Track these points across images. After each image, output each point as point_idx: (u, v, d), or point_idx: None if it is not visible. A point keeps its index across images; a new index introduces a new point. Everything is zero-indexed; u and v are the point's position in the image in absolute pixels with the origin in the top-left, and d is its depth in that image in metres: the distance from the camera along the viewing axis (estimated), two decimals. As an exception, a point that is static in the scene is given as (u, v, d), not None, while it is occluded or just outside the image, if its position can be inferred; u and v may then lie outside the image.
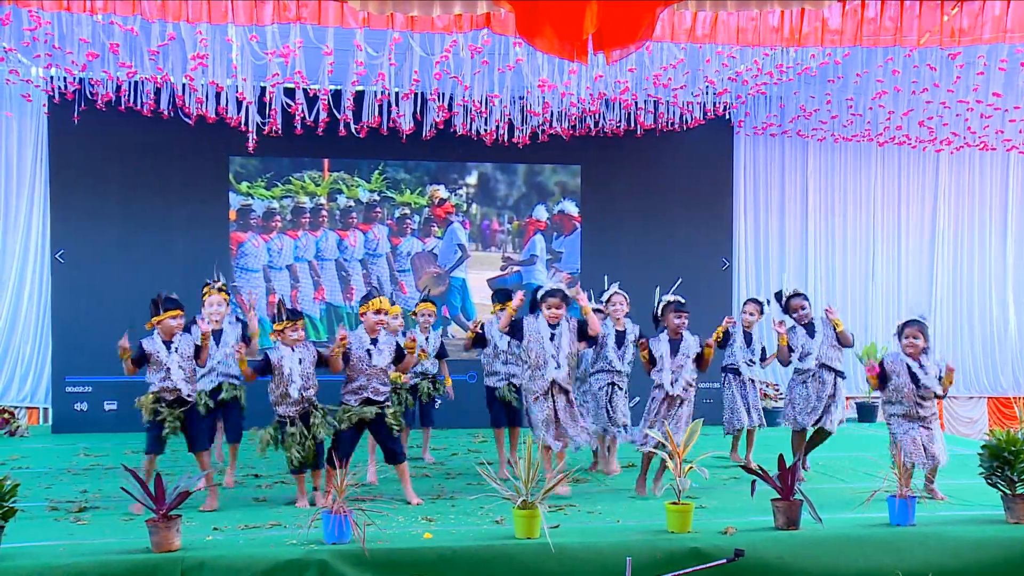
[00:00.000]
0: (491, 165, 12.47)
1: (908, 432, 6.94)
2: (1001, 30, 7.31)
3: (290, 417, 6.71)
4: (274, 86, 9.10)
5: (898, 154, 13.36)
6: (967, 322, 13.81)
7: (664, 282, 7.71)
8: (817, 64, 9.30)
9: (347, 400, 6.86)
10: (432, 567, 5.34)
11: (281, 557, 5.23)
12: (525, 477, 5.63)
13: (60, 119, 10.79)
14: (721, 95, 10.92)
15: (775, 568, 5.55)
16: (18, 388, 11.81)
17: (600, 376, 8.02)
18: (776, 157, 13.43)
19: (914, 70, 9.27)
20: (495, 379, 8.16)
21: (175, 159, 11.72)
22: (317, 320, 12.16)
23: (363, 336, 6.92)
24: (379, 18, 7.05)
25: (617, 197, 12.67)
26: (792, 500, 5.88)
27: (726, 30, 7.49)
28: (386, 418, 6.85)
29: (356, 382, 6.85)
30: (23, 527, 5.71)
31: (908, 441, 6.88)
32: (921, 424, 6.98)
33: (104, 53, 8.48)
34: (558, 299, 7.16)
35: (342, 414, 6.83)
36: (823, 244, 13.53)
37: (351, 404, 6.83)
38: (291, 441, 6.68)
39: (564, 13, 5.20)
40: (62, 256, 11.60)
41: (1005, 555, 5.78)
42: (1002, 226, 13.86)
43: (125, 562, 5.10)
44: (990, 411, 13.63)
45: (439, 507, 6.74)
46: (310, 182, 12.14)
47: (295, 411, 6.71)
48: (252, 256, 12.07)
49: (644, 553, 5.40)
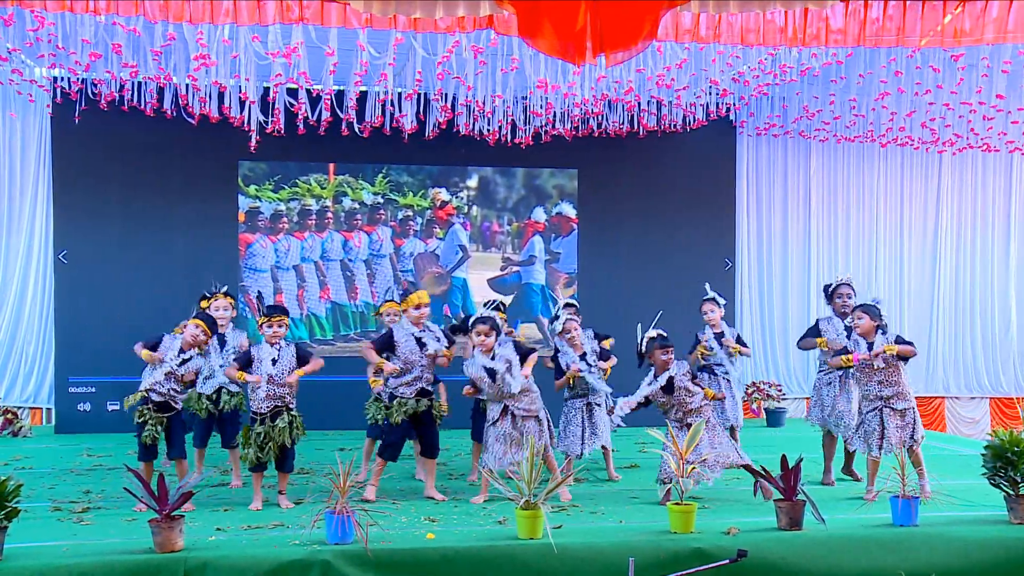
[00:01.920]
0: (491, 169, 12.60)
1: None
2: (1003, 31, 7.30)
3: (260, 415, 6.72)
4: (277, 86, 9.11)
5: (901, 155, 13.35)
6: (969, 322, 13.79)
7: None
8: (820, 64, 9.30)
9: (401, 392, 6.90)
10: (435, 567, 5.34)
11: (284, 557, 5.23)
12: (528, 478, 5.63)
13: (63, 119, 10.80)
14: (724, 96, 10.92)
15: (778, 568, 5.55)
16: (21, 388, 11.82)
17: (574, 402, 7.80)
18: (779, 158, 13.43)
19: (917, 71, 9.28)
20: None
21: (178, 159, 11.75)
22: (323, 318, 12.28)
23: (410, 327, 7.02)
24: (381, 19, 7.05)
25: (618, 198, 12.70)
26: (795, 500, 5.87)
27: (729, 31, 7.48)
28: (433, 409, 7.00)
29: (411, 373, 6.92)
30: (26, 527, 5.71)
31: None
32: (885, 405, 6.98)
33: (107, 53, 8.49)
34: (487, 327, 6.87)
35: (398, 407, 6.88)
36: (826, 245, 13.53)
37: (406, 396, 6.89)
38: (253, 439, 6.69)
39: (565, 15, 5.21)
40: (65, 256, 11.61)
41: (1008, 555, 5.77)
42: (1004, 227, 13.85)
43: (128, 562, 5.10)
44: (992, 411, 13.61)
45: (442, 508, 6.75)
46: (316, 185, 12.25)
47: (266, 408, 6.70)
48: (260, 257, 12.19)
49: (647, 554, 5.40)
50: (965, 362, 13.75)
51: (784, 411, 12.44)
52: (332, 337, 12.21)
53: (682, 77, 9.39)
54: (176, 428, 6.91)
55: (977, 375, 13.80)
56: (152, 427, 6.71)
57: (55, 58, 8.77)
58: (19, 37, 8.62)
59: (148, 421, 6.72)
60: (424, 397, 7.01)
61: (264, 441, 6.67)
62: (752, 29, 7.43)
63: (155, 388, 6.76)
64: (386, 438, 7.02)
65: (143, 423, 6.74)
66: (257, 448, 6.67)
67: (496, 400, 6.86)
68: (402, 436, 7.02)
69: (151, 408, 6.76)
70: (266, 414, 6.70)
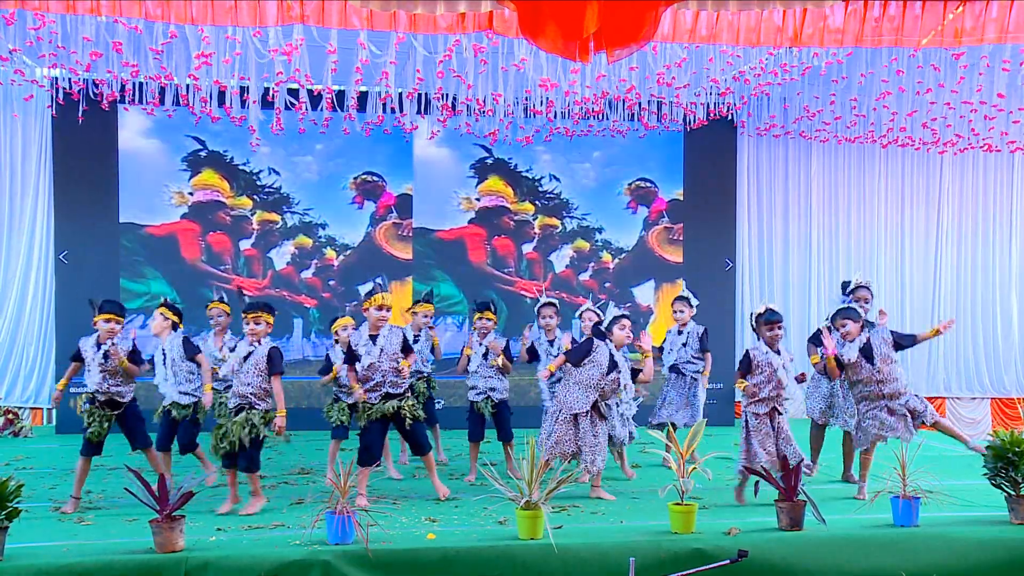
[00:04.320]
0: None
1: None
2: (1003, 31, 7.30)
3: (229, 409, 6.72)
4: (278, 85, 9.11)
5: (901, 155, 13.34)
6: (970, 323, 13.78)
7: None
8: (821, 63, 9.29)
9: (369, 399, 6.88)
10: (435, 567, 5.35)
11: (285, 558, 5.23)
12: (528, 478, 5.63)
13: (63, 119, 10.80)
14: (724, 95, 10.92)
15: (778, 569, 5.56)
16: (22, 389, 11.81)
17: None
18: (779, 158, 13.42)
19: (918, 70, 9.26)
20: (473, 392, 8.25)
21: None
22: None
23: (364, 332, 6.96)
24: (382, 18, 7.04)
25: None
26: (795, 501, 5.88)
27: (729, 30, 7.48)
28: (403, 411, 6.90)
29: (373, 380, 6.87)
30: (27, 527, 5.72)
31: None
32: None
33: (108, 52, 8.49)
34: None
35: (363, 411, 6.86)
36: (826, 245, 13.52)
37: (372, 401, 6.86)
38: (215, 431, 6.68)
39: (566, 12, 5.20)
40: (65, 257, 11.61)
41: (1009, 556, 5.77)
42: (1006, 227, 13.84)
43: (129, 562, 5.11)
44: (993, 412, 13.60)
45: (443, 508, 6.75)
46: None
47: (233, 404, 6.68)
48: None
49: (648, 554, 5.40)
50: (966, 362, 13.74)
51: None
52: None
53: (682, 76, 9.38)
54: (131, 421, 7.04)
55: (978, 375, 13.79)
56: (96, 427, 6.89)
57: (56, 58, 8.77)
58: (20, 37, 8.61)
59: (93, 421, 6.89)
60: (391, 399, 6.89)
61: (222, 435, 6.60)
62: (752, 29, 7.42)
63: (98, 389, 6.91)
64: (362, 442, 6.93)
65: (90, 423, 6.92)
66: (216, 440, 6.62)
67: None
68: (374, 439, 6.89)
69: (98, 407, 6.91)
70: (232, 409, 6.69)
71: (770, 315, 7.02)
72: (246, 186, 12.05)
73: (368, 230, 12.27)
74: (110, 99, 9.79)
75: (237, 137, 11.36)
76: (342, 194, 12.21)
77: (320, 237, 12.20)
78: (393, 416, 6.89)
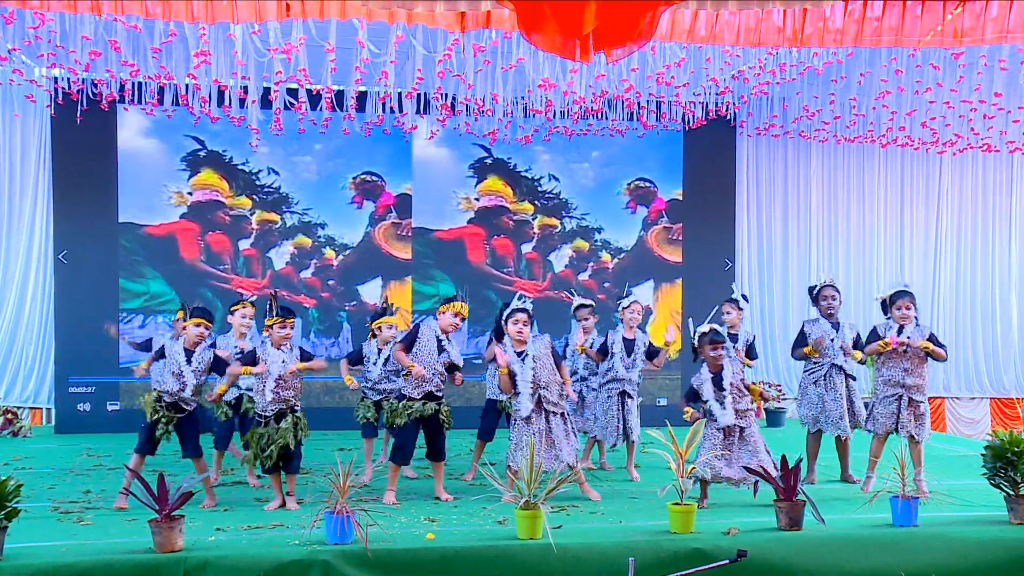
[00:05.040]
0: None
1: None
2: (1003, 30, 7.30)
3: (265, 416, 6.72)
4: (277, 84, 9.11)
5: (901, 155, 13.35)
6: (970, 323, 13.79)
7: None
8: (820, 63, 9.29)
9: (412, 395, 6.92)
10: (435, 567, 5.33)
11: (284, 557, 5.22)
12: (528, 478, 5.62)
13: (63, 119, 10.80)
14: (723, 94, 10.92)
15: (778, 569, 5.55)
16: (21, 388, 11.81)
17: (611, 386, 8.02)
18: (779, 158, 13.43)
19: (917, 70, 9.26)
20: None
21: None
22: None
23: (437, 331, 7.04)
24: (381, 16, 7.03)
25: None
26: (795, 501, 5.87)
27: (728, 30, 7.48)
28: (440, 415, 6.97)
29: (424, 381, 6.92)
30: (26, 527, 5.71)
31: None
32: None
33: (107, 52, 8.48)
34: (525, 316, 6.95)
35: (403, 409, 6.89)
36: (825, 245, 13.52)
37: (413, 399, 6.91)
38: (256, 440, 6.68)
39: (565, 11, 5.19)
40: (65, 257, 11.60)
41: (1008, 556, 5.76)
42: (1005, 227, 13.85)
43: (128, 562, 5.10)
44: (992, 411, 13.62)
45: (442, 508, 6.74)
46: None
47: (271, 411, 6.69)
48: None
49: (647, 554, 5.40)
50: (965, 362, 13.75)
51: (784, 411, 12.44)
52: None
53: (681, 75, 9.38)
54: (188, 428, 6.89)
55: (977, 375, 13.80)
56: (164, 426, 6.72)
57: (55, 57, 8.76)
58: (19, 36, 8.61)
59: (161, 420, 6.72)
60: (432, 401, 6.97)
61: (266, 443, 6.64)
62: (751, 28, 7.42)
63: (165, 391, 6.77)
64: (396, 440, 7.04)
65: (156, 421, 6.72)
66: (259, 449, 6.65)
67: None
68: (410, 438, 6.99)
69: (163, 406, 6.76)
70: (271, 416, 6.70)
71: (715, 335, 6.80)
72: (245, 186, 12.04)
73: (367, 230, 12.27)
74: (109, 99, 9.79)
75: (236, 137, 11.37)
76: (341, 194, 12.21)
77: (319, 237, 12.20)
78: (428, 418, 6.95)
